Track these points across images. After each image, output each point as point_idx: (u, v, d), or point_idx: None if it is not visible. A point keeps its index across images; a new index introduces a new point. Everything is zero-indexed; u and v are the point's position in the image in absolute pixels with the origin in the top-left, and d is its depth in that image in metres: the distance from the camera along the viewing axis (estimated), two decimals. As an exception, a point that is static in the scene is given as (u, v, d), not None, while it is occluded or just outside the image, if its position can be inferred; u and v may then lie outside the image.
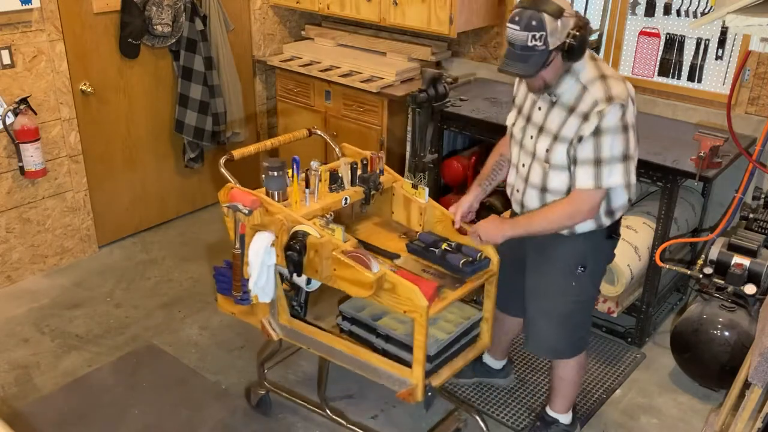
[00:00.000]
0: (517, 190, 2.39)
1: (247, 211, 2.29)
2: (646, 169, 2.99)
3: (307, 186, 2.41)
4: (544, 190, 2.27)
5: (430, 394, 2.27)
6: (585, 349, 2.55)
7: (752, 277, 2.77)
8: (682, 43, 3.39)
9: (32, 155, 3.46)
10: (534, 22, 2.00)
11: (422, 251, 2.46)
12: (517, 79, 2.40)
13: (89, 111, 3.81)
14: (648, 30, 3.48)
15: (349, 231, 2.52)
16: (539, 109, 2.24)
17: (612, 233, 2.36)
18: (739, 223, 3.10)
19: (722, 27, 3.21)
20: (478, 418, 2.67)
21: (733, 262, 2.81)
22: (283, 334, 2.55)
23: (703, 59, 3.36)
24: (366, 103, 4.04)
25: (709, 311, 2.85)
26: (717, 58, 3.31)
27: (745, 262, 2.78)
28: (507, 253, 2.52)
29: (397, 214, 2.69)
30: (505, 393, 2.97)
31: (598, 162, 2.11)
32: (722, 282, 2.83)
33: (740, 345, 2.74)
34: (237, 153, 2.53)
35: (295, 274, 2.29)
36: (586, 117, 2.10)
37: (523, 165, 2.33)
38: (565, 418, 2.68)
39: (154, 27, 3.84)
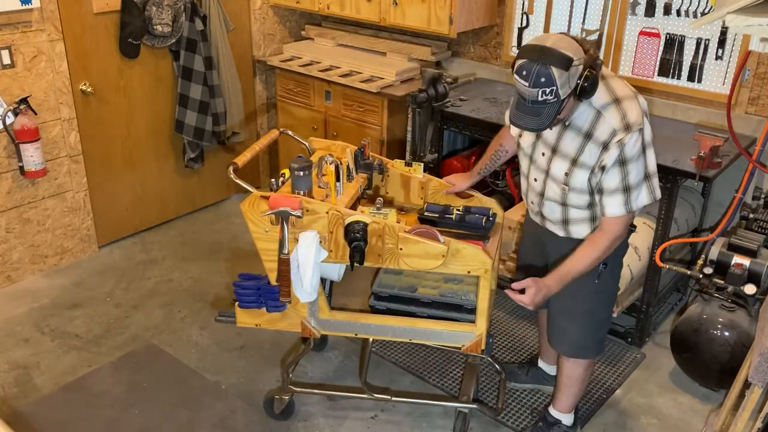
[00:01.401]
0: (532, 202, 2.40)
1: (300, 214, 2.29)
2: (646, 169, 2.99)
3: (337, 179, 2.48)
4: (564, 204, 2.27)
5: (491, 340, 2.59)
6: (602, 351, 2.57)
7: (752, 277, 2.77)
8: (682, 43, 3.39)
9: (32, 155, 3.46)
10: (543, 79, 1.92)
11: (437, 219, 2.57)
12: None
13: (89, 111, 3.81)
14: (648, 30, 3.48)
15: None
16: (550, 129, 2.17)
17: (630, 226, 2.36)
18: (739, 223, 3.10)
19: (722, 27, 3.21)
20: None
21: (733, 262, 2.81)
22: (325, 328, 2.60)
23: (703, 59, 3.36)
24: (366, 103, 4.04)
25: (709, 311, 2.85)
26: (717, 58, 3.31)
27: (745, 262, 2.78)
28: (526, 260, 2.59)
29: (393, 193, 2.79)
30: (505, 393, 2.97)
31: (626, 189, 2.11)
32: (722, 282, 2.83)
33: (740, 345, 2.74)
34: (239, 160, 2.52)
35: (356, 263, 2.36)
36: (606, 146, 2.07)
37: (536, 179, 2.32)
38: (568, 419, 2.68)
39: (154, 27, 3.84)
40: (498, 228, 2.66)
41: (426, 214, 2.61)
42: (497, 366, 2.87)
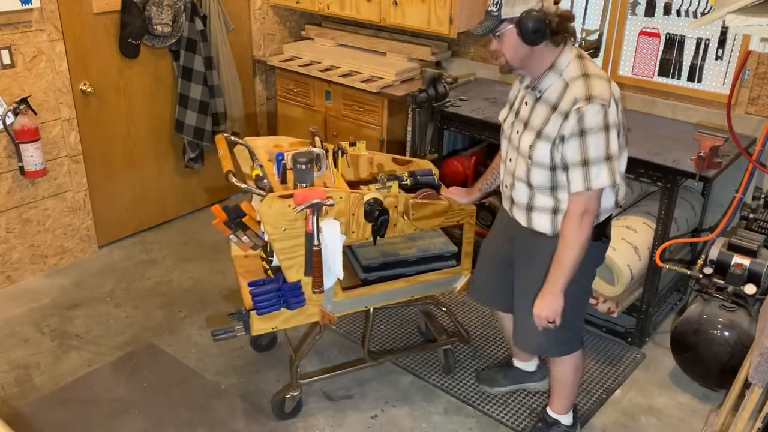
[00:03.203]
0: (506, 186, 2.40)
1: (332, 203, 2.39)
2: (646, 169, 2.99)
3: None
4: (530, 185, 2.26)
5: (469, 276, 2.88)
6: (576, 350, 2.51)
7: (752, 277, 2.77)
8: (682, 43, 3.39)
9: (32, 155, 3.46)
10: None
11: (413, 185, 2.73)
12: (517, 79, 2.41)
13: (89, 111, 3.81)
14: (648, 30, 3.48)
15: None
16: (526, 104, 2.25)
17: (600, 236, 2.32)
18: (739, 223, 3.10)
19: (722, 27, 3.21)
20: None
21: (733, 262, 2.81)
22: (340, 309, 2.70)
23: (703, 59, 3.36)
24: (366, 103, 4.05)
25: (709, 311, 2.85)
26: (717, 58, 3.31)
27: (745, 262, 2.78)
28: (494, 250, 2.60)
29: (343, 170, 2.88)
30: (505, 393, 2.97)
31: (585, 163, 2.09)
32: (722, 282, 2.83)
33: (740, 345, 2.74)
34: (229, 165, 2.60)
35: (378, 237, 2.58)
36: (566, 116, 2.08)
37: (510, 160, 2.34)
38: (566, 419, 2.68)
39: (154, 27, 3.84)
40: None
41: (381, 182, 2.67)
42: (442, 308, 3.23)
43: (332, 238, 2.42)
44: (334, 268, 2.47)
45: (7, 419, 2.18)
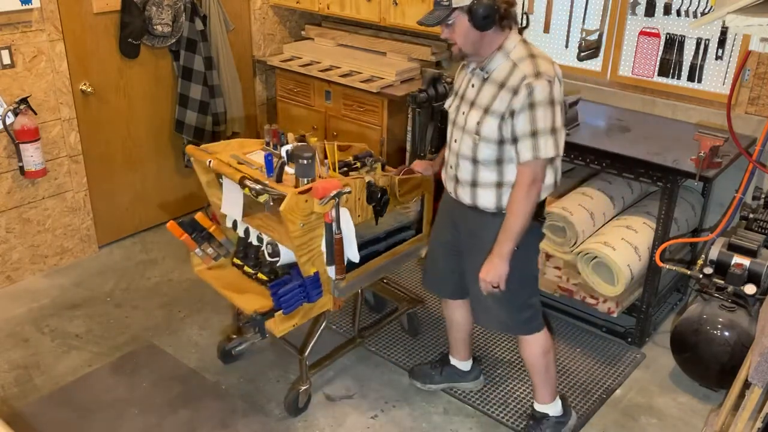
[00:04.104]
0: (451, 167, 2.45)
1: (349, 190, 2.49)
2: (646, 169, 2.99)
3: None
4: (475, 161, 2.33)
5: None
6: (539, 330, 2.56)
7: (752, 277, 2.77)
8: (682, 43, 3.39)
9: (32, 155, 3.46)
10: None
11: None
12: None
13: (89, 111, 3.81)
14: (648, 30, 3.48)
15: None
16: (473, 86, 2.34)
17: (538, 215, 2.39)
18: (739, 223, 3.10)
19: (722, 27, 3.21)
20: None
21: (733, 262, 2.81)
22: (346, 293, 2.76)
23: (703, 59, 3.36)
24: (366, 103, 4.05)
25: (709, 311, 2.85)
26: (717, 58, 3.31)
27: (745, 262, 2.78)
28: (441, 238, 2.66)
29: None
30: (505, 393, 2.97)
31: (534, 134, 2.18)
32: (722, 282, 2.83)
33: (740, 345, 2.74)
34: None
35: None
36: (516, 91, 2.18)
37: (456, 141, 2.40)
38: (554, 409, 2.68)
39: (154, 27, 3.84)
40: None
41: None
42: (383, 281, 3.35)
43: (347, 226, 2.53)
44: (350, 254, 2.60)
45: (7, 419, 2.19)
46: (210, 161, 2.60)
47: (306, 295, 2.62)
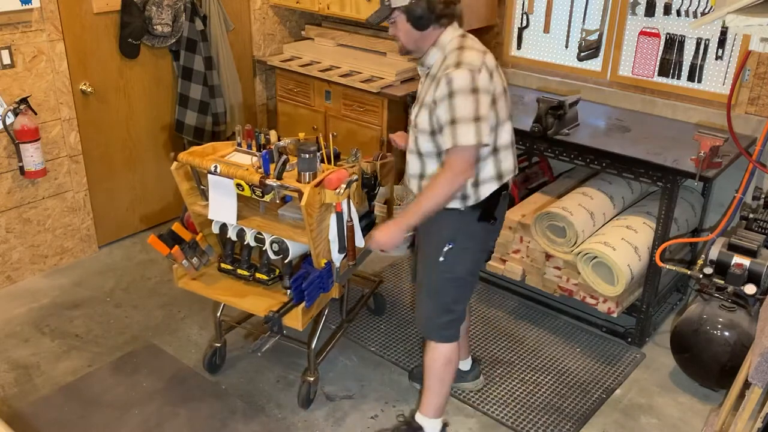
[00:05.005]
0: (407, 164, 2.47)
1: (356, 178, 2.60)
2: (646, 169, 2.99)
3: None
4: (419, 154, 2.35)
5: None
6: (449, 342, 2.49)
7: (752, 277, 2.77)
8: (682, 43, 3.39)
9: (32, 155, 3.46)
10: None
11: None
12: None
13: (89, 111, 3.81)
14: (648, 30, 3.48)
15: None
16: (421, 84, 2.38)
17: (485, 216, 2.36)
18: (739, 223, 3.10)
19: (722, 27, 3.21)
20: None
21: (733, 262, 2.81)
22: (345, 279, 2.86)
23: (703, 59, 3.36)
24: (366, 103, 4.04)
25: (709, 311, 2.85)
26: (717, 58, 3.31)
27: (745, 262, 2.78)
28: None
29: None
30: (505, 393, 2.97)
31: (453, 122, 2.17)
32: (722, 282, 2.83)
33: (740, 345, 2.74)
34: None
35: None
36: (438, 81, 2.20)
37: (410, 139, 2.43)
38: (431, 428, 2.61)
39: (154, 27, 3.84)
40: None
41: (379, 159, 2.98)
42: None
43: (354, 213, 2.59)
44: (357, 240, 2.64)
45: (7, 419, 2.19)
46: (216, 166, 2.59)
47: (323, 286, 2.68)
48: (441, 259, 2.38)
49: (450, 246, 2.36)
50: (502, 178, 2.35)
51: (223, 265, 2.92)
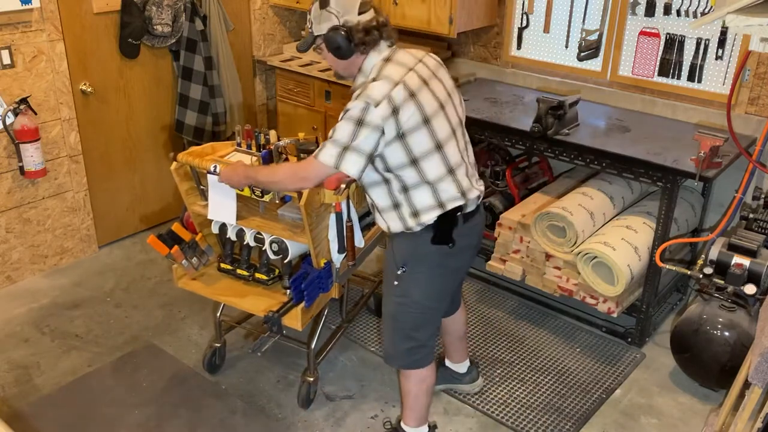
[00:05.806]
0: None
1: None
2: (646, 169, 3.00)
3: None
4: (364, 187, 2.34)
5: None
6: (419, 367, 2.43)
7: (752, 277, 2.77)
8: (682, 43, 3.39)
9: (32, 155, 3.46)
10: (312, 5, 2.25)
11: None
12: None
13: (89, 111, 3.81)
14: (648, 30, 3.48)
15: None
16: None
17: (439, 240, 2.25)
18: (739, 223, 3.10)
19: (722, 27, 3.21)
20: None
21: (733, 262, 2.81)
22: (344, 279, 2.85)
23: (703, 59, 3.36)
24: (366, 103, 4.04)
25: (709, 311, 2.85)
26: (717, 58, 3.31)
27: (745, 262, 2.78)
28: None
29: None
30: (505, 393, 2.97)
31: (328, 138, 2.16)
32: (722, 282, 2.83)
33: (740, 345, 2.74)
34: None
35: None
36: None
37: None
38: None
39: (154, 27, 3.84)
40: None
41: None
42: None
43: (353, 213, 2.59)
44: (356, 240, 2.64)
45: (7, 419, 2.19)
46: (215, 166, 2.59)
47: (323, 286, 2.69)
48: (395, 283, 2.33)
49: (403, 270, 2.30)
50: (445, 207, 2.22)
51: (222, 265, 2.92)
